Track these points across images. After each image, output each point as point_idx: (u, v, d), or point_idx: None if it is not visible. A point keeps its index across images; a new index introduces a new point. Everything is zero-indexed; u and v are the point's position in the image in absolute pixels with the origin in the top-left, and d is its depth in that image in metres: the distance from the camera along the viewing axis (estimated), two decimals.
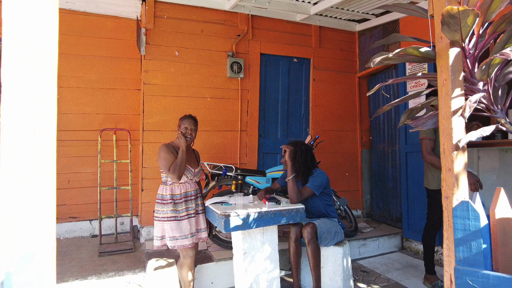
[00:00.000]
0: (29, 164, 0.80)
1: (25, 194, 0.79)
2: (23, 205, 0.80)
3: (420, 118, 1.51)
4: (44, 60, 0.87)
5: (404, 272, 3.46)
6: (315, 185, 2.81)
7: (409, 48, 1.37)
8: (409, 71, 4.04)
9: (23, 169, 0.80)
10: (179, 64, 4.14)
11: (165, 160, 2.60)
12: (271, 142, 4.68)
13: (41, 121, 0.84)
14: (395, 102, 1.58)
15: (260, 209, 2.47)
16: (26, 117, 0.82)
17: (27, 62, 0.84)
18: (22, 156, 0.80)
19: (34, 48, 0.85)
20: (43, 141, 0.84)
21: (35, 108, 0.83)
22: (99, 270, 3.06)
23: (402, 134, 4.14)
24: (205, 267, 3.16)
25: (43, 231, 0.79)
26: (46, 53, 0.88)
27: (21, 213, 0.79)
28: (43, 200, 0.80)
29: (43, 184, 0.82)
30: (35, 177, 0.81)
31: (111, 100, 4.24)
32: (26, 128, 0.81)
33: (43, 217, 0.79)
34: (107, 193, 4.09)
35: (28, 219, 0.78)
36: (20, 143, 0.80)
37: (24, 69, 0.84)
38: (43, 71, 0.87)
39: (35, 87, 0.84)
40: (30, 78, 0.84)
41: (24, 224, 0.78)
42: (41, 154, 0.82)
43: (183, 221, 2.62)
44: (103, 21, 4.20)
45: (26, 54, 0.84)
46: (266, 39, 4.61)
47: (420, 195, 3.91)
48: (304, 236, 2.66)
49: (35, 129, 0.82)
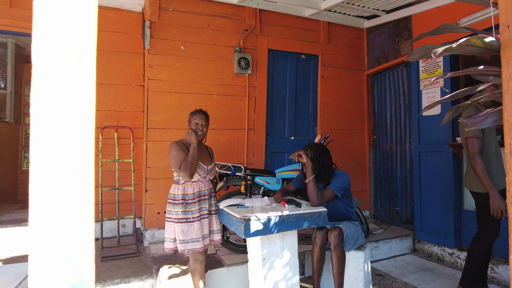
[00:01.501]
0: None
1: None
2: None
3: (477, 116, 1.37)
4: (82, 56, 0.71)
5: (421, 276, 3.35)
6: (338, 186, 2.66)
7: (473, 38, 1.23)
8: (423, 69, 3.92)
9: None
10: (185, 59, 3.96)
11: (176, 158, 2.44)
12: (279, 141, 4.54)
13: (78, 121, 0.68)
14: (445, 98, 1.44)
15: (281, 212, 2.32)
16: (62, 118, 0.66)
17: (62, 59, 0.68)
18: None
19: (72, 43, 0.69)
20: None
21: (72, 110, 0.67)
22: (104, 277, 2.88)
23: (414, 133, 4.03)
24: (216, 272, 3.00)
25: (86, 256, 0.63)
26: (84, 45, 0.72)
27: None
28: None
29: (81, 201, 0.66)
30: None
31: (112, 96, 4.04)
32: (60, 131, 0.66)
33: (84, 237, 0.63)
34: (109, 194, 3.90)
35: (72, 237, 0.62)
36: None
37: (59, 66, 0.68)
38: (81, 68, 0.71)
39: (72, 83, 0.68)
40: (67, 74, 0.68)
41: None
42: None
43: (195, 223, 2.46)
44: (104, 13, 3.99)
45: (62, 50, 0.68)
46: (274, 34, 4.45)
47: (433, 196, 3.82)
48: (330, 241, 2.51)
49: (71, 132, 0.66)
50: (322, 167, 2.73)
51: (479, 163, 2.47)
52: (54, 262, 0.62)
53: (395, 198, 4.65)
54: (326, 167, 2.75)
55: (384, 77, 4.83)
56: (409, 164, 4.39)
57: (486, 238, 2.60)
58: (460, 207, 3.62)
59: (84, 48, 0.70)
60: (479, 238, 2.64)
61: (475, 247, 2.64)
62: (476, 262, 2.64)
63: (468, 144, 2.54)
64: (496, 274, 3.16)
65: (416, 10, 4.08)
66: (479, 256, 2.62)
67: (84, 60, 0.70)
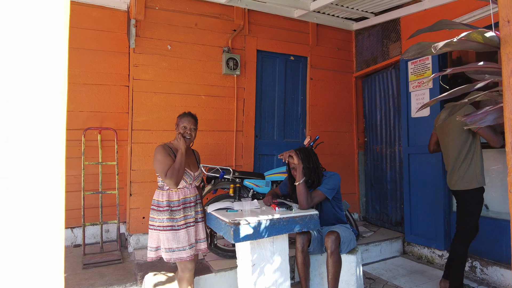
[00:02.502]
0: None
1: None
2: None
3: (476, 114, 1.33)
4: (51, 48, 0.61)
5: (412, 279, 3.32)
6: (328, 188, 2.60)
7: (474, 33, 1.19)
8: (412, 71, 3.93)
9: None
10: (172, 58, 3.85)
11: (162, 164, 2.31)
12: (268, 143, 4.46)
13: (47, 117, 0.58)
14: (443, 95, 1.39)
15: (271, 216, 2.24)
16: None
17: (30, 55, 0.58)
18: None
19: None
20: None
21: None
22: (85, 285, 2.73)
23: (404, 135, 4.02)
24: (204, 279, 2.89)
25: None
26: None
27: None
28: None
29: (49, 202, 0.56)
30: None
31: (95, 96, 3.90)
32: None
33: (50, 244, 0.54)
34: (91, 198, 3.74)
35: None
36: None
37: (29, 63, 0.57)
38: (51, 63, 0.61)
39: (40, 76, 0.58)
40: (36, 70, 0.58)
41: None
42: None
43: (181, 231, 2.35)
44: (88, 10, 3.85)
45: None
46: (263, 35, 4.39)
47: (423, 199, 3.81)
48: (327, 246, 2.44)
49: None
50: (311, 169, 2.67)
51: (497, 135, 2.53)
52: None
53: (385, 201, 4.64)
54: (315, 169, 2.69)
55: (374, 79, 4.83)
56: (398, 166, 4.38)
57: (465, 238, 2.71)
58: (449, 209, 3.62)
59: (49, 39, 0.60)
60: (458, 241, 2.74)
61: (458, 251, 2.72)
62: (462, 265, 2.71)
63: (485, 133, 2.56)
64: (486, 276, 3.16)
65: (404, 13, 4.09)
66: (464, 258, 2.70)
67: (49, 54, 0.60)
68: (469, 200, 2.70)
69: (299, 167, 2.58)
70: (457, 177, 2.75)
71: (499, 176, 3.40)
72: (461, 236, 2.73)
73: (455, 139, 2.75)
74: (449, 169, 2.85)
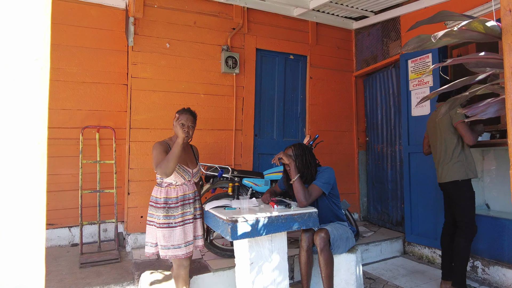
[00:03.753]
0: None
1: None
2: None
3: (477, 106, 1.30)
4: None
5: (412, 279, 3.28)
6: (323, 182, 2.56)
7: (474, 22, 1.16)
8: (412, 69, 3.90)
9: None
10: (170, 57, 3.83)
11: (156, 157, 2.30)
12: (267, 142, 4.43)
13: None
14: (443, 88, 1.37)
15: (270, 213, 2.21)
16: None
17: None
18: None
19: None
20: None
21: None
22: (81, 284, 2.70)
23: (404, 134, 3.99)
24: (201, 278, 2.85)
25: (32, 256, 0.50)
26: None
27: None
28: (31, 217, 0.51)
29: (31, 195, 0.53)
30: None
31: (94, 95, 3.87)
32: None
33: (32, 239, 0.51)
34: (89, 197, 3.72)
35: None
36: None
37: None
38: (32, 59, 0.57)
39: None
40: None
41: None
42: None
43: (177, 229, 2.32)
44: (86, 9, 3.83)
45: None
46: (262, 34, 4.37)
47: (423, 198, 3.77)
48: (316, 243, 2.41)
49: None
50: (306, 164, 2.64)
51: (473, 133, 2.66)
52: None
53: (386, 200, 4.60)
54: (309, 165, 2.66)
55: (375, 78, 4.80)
56: (399, 165, 4.35)
57: (469, 232, 2.71)
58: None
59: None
60: (462, 235, 2.74)
61: (461, 245, 2.72)
62: (466, 260, 2.72)
63: (462, 128, 2.67)
64: (487, 276, 3.12)
65: (404, 11, 4.07)
66: (467, 253, 2.71)
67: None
68: (459, 192, 2.75)
69: (291, 164, 2.57)
70: (446, 170, 2.81)
71: (499, 175, 3.37)
72: (463, 231, 2.73)
73: (443, 134, 2.84)
74: (438, 164, 2.91)
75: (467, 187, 2.74)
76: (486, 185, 3.49)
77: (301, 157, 2.65)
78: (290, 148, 2.73)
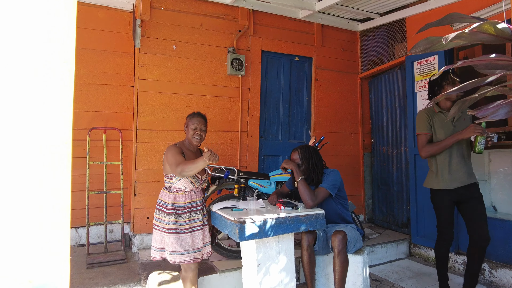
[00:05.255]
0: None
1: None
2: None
3: (488, 108, 1.30)
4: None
5: (418, 281, 3.27)
6: (329, 183, 2.57)
7: (485, 24, 1.17)
8: (418, 71, 3.89)
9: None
10: (177, 59, 3.86)
11: (174, 156, 2.31)
12: (272, 144, 4.44)
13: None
14: (453, 90, 1.37)
15: (277, 214, 2.22)
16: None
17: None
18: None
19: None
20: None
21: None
22: (89, 285, 2.72)
23: (410, 136, 3.98)
24: (208, 279, 2.87)
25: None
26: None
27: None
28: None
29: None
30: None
31: (101, 96, 3.90)
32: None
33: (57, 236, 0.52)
34: (96, 198, 3.74)
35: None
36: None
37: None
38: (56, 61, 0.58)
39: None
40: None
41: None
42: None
43: (186, 235, 2.34)
44: (94, 11, 3.87)
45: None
46: (268, 36, 4.39)
47: (429, 200, 3.74)
48: (334, 245, 2.40)
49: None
50: (312, 167, 2.65)
51: (430, 148, 2.69)
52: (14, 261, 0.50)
53: (391, 202, 4.59)
54: (315, 167, 2.67)
55: (380, 80, 4.80)
56: (404, 167, 4.34)
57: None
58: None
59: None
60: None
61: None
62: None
63: (418, 140, 2.76)
64: (495, 278, 3.10)
65: (410, 13, 4.07)
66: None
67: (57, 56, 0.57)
68: (480, 193, 2.66)
69: (293, 168, 2.62)
70: (468, 172, 2.65)
71: (506, 177, 3.35)
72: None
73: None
74: (454, 166, 2.68)
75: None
76: (493, 187, 3.47)
77: (308, 159, 2.67)
78: (296, 151, 2.76)
